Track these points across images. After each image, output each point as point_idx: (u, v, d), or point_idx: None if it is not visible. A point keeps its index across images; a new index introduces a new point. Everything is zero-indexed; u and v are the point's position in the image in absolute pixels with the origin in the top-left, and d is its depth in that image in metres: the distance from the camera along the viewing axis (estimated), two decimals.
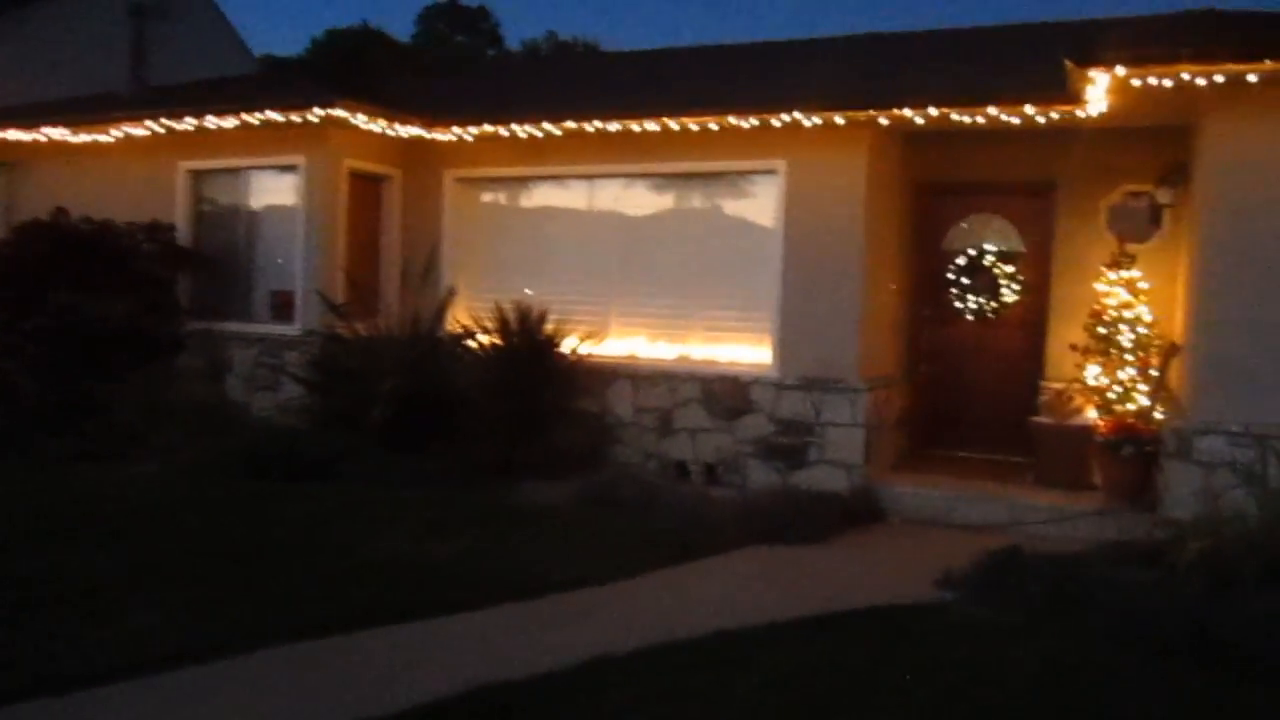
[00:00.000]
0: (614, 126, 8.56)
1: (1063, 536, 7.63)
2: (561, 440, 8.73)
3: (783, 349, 8.52)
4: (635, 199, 9.32)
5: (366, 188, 9.93)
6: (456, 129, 9.28)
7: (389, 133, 9.49)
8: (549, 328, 8.93)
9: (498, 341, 8.96)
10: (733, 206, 8.96)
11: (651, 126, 8.47)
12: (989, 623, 5.47)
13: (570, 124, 8.66)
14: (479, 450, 8.46)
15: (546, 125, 8.75)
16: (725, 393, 8.67)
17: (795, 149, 8.43)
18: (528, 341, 8.81)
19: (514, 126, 8.90)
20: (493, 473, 8.38)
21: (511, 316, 8.87)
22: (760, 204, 8.80)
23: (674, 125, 8.37)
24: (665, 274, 9.15)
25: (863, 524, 7.86)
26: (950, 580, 6.08)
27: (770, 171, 8.58)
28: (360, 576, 5.90)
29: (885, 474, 8.69)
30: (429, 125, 9.43)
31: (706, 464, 8.79)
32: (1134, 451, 7.76)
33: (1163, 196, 8.23)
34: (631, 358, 9.18)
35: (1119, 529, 7.49)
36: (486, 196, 10.05)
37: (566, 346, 9.01)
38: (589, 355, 9.09)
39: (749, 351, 8.78)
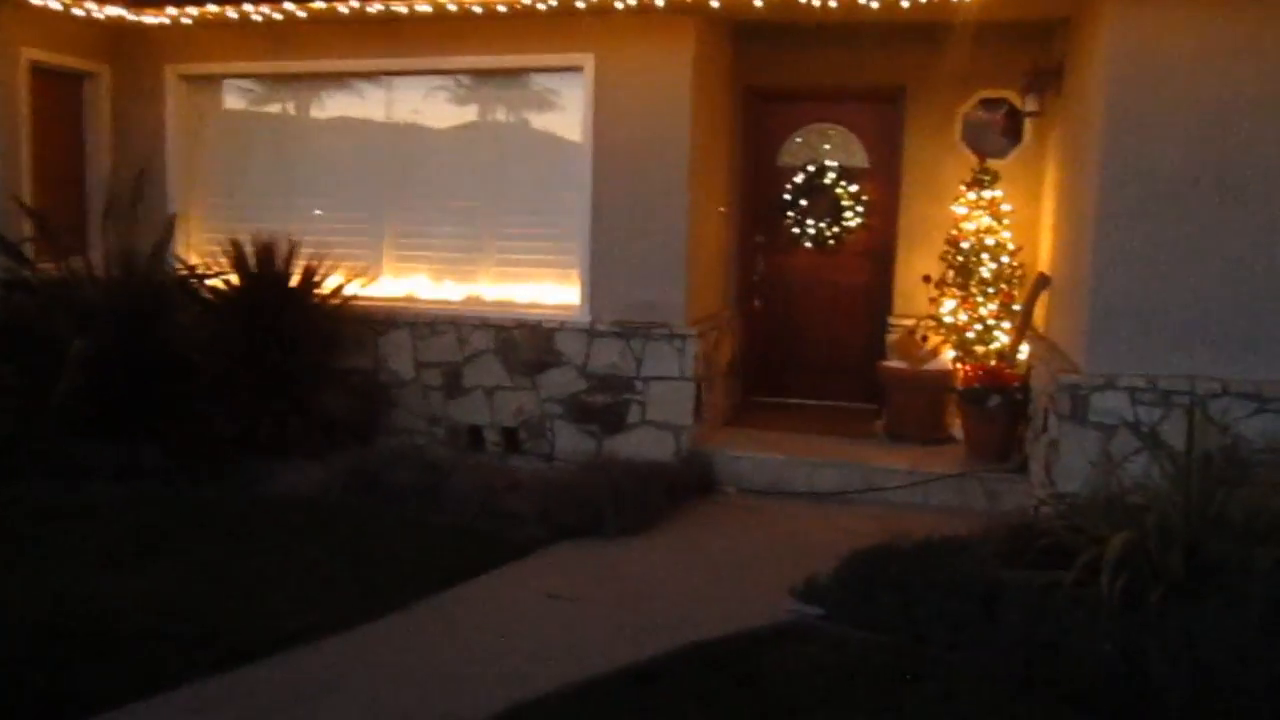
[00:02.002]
0: (375, 7, 6.70)
1: (926, 506, 6.54)
2: (323, 407, 7.00)
3: (594, 287, 7.01)
4: (410, 105, 7.50)
5: (60, 88, 7.71)
6: (171, 8, 7.18)
7: (80, 12, 7.29)
8: (303, 265, 7.11)
9: (237, 284, 7.07)
10: (531, 114, 7.29)
11: (422, 8, 6.66)
12: (870, 658, 4.20)
13: (319, 2, 6.74)
14: (213, 426, 6.62)
15: (288, 4, 6.80)
16: (526, 342, 7.11)
17: (605, 40, 6.82)
18: (274, 283, 6.97)
19: (246, 5, 6.90)
20: (231, 455, 6.57)
21: (250, 252, 6.99)
22: (565, 110, 7.16)
23: (450, 5, 6.59)
24: (451, 198, 7.43)
25: (695, 500, 6.53)
26: (813, 590, 4.80)
27: (575, 69, 6.94)
28: None
29: (718, 434, 7.38)
30: (134, 2, 7.29)
31: (505, 429, 7.25)
32: (1001, 402, 6.69)
33: (1029, 104, 7.07)
34: (410, 300, 7.48)
35: (986, 494, 6.46)
36: (223, 100, 8.00)
37: (327, 288, 7.22)
38: (357, 299, 7.33)
39: (554, 291, 7.22)
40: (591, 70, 6.86)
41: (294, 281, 7.03)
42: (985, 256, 7.17)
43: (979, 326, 7.19)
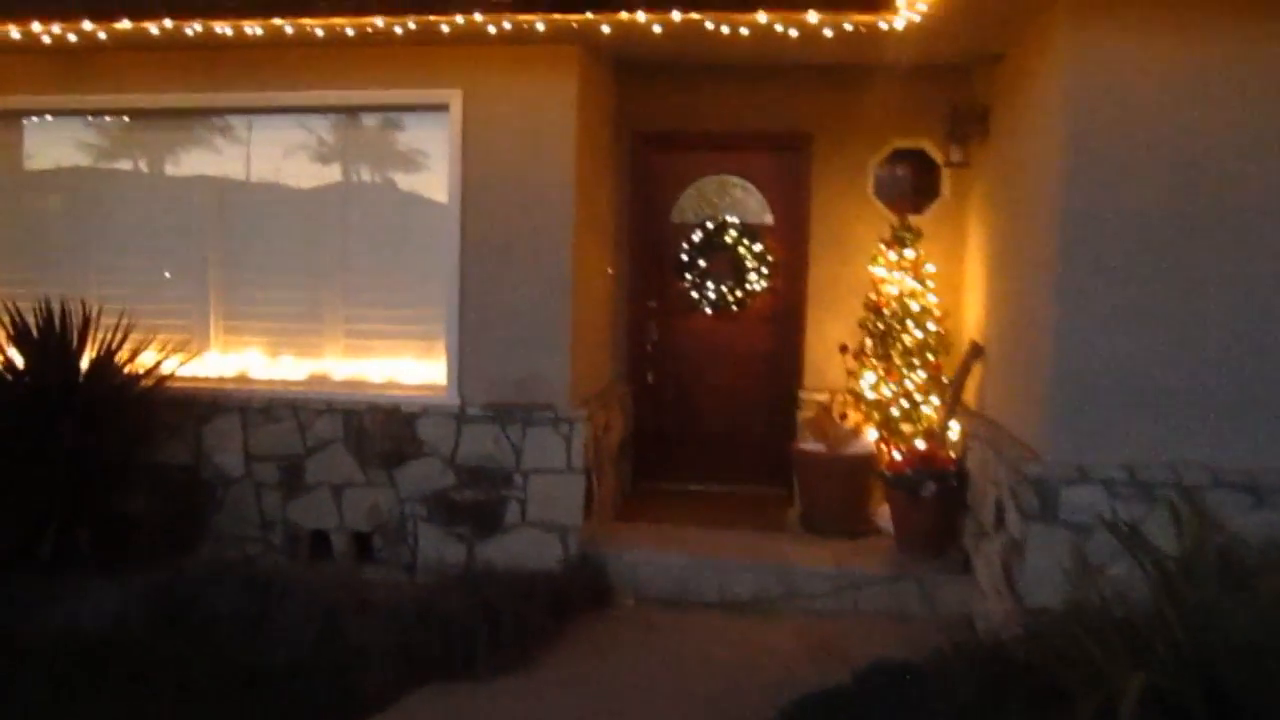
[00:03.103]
0: (193, 27, 5.53)
1: (856, 612, 5.59)
2: (128, 512, 5.67)
3: (464, 363, 5.91)
4: (241, 148, 6.33)
5: None
6: None
7: None
8: (103, 338, 5.82)
9: (17, 362, 5.72)
10: (388, 159, 6.19)
11: (253, 29, 5.53)
12: None
13: (125, 23, 5.55)
14: None
15: (86, 23, 5.59)
16: (381, 429, 5.93)
17: (474, 74, 5.81)
18: (62, 359, 5.65)
19: (34, 25, 5.65)
20: (6, 573, 5.21)
21: (33, 322, 5.67)
22: (427, 155, 6.09)
23: (287, 28, 5.48)
24: (290, 257, 6.25)
25: (587, 617, 5.43)
26: None
27: (440, 107, 5.89)
28: None
29: (611, 530, 6.31)
30: None
31: (357, 534, 6.02)
32: (937, 490, 5.82)
33: (953, 154, 6.34)
34: (242, 380, 6.23)
35: (923, 597, 5.57)
36: (11, 140, 6.65)
37: (137, 366, 5.92)
38: (175, 378, 6.04)
39: (415, 368, 6.09)
40: (459, 108, 5.82)
41: (90, 357, 5.72)
42: (910, 323, 6.35)
43: (905, 402, 6.35)
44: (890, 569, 5.73)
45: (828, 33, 5.15)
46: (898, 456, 6.21)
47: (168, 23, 5.50)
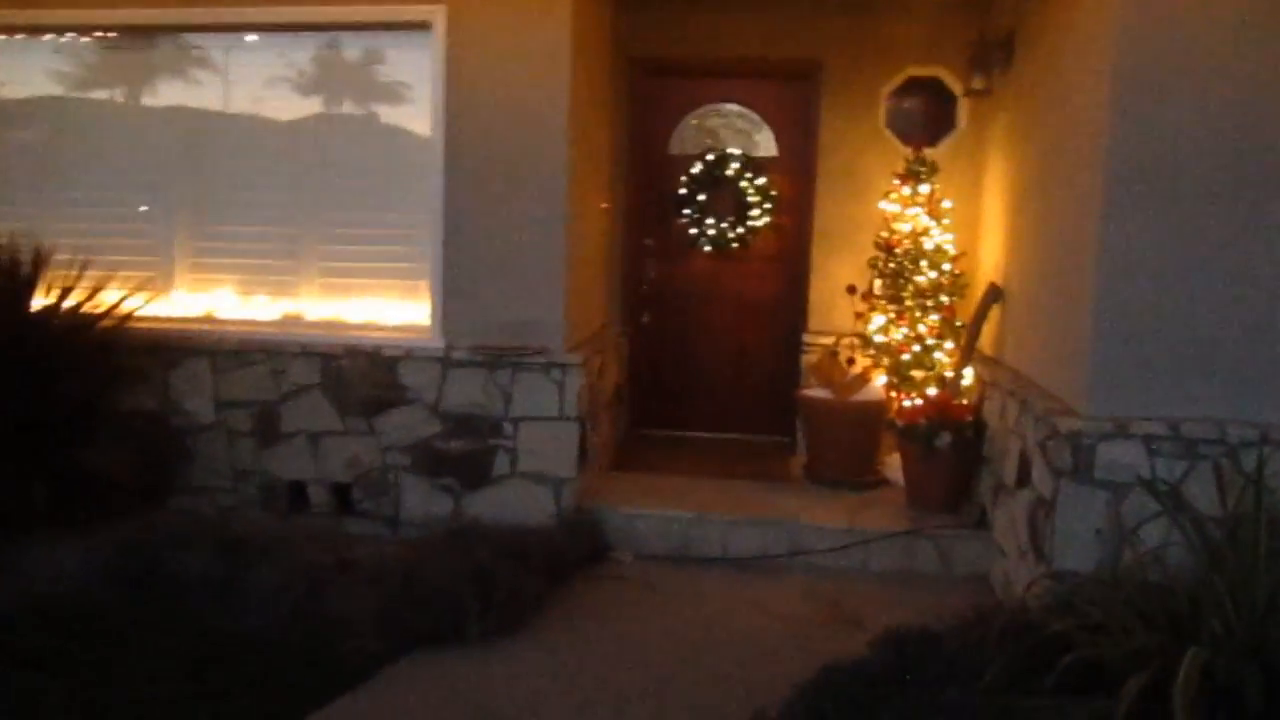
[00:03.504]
0: None
1: (866, 571, 5.30)
2: (91, 464, 5.28)
3: (449, 304, 5.51)
4: (207, 71, 5.84)
5: None
6: None
7: None
8: (61, 277, 5.39)
9: None
10: (366, 84, 5.72)
11: None
12: None
13: None
14: None
15: None
16: (361, 374, 5.55)
17: None
18: (12, 301, 5.22)
19: None
20: None
21: None
22: (409, 80, 5.62)
23: None
24: (263, 192, 5.79)
25: (582, 576, 5.12)
26: None
27: (421, 26, 5.42)
28: None
29: (606, 483, 5.98)
30: None
31: (336, 485, 5.66)
32: (952, 441, 5.50)
33: (975, 82, 5.91)
34: (210, 321, 5.82)
35: (939, 555, 5.27)
36: None
37: (96, 306, 5.50)
38: (139, 319, 5.61)
39: (397, 309, 5.69)
40: (442, 28, 5.35)
41: (42, 297, 5.30)
42: (924, 263, 5.98)
43: (917, 347, 5.99)
44: (902, 525, 5.42)
45: None
46: (909, 405, 5.88)
47: None
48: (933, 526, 5.36)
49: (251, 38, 5.73)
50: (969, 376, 5.89)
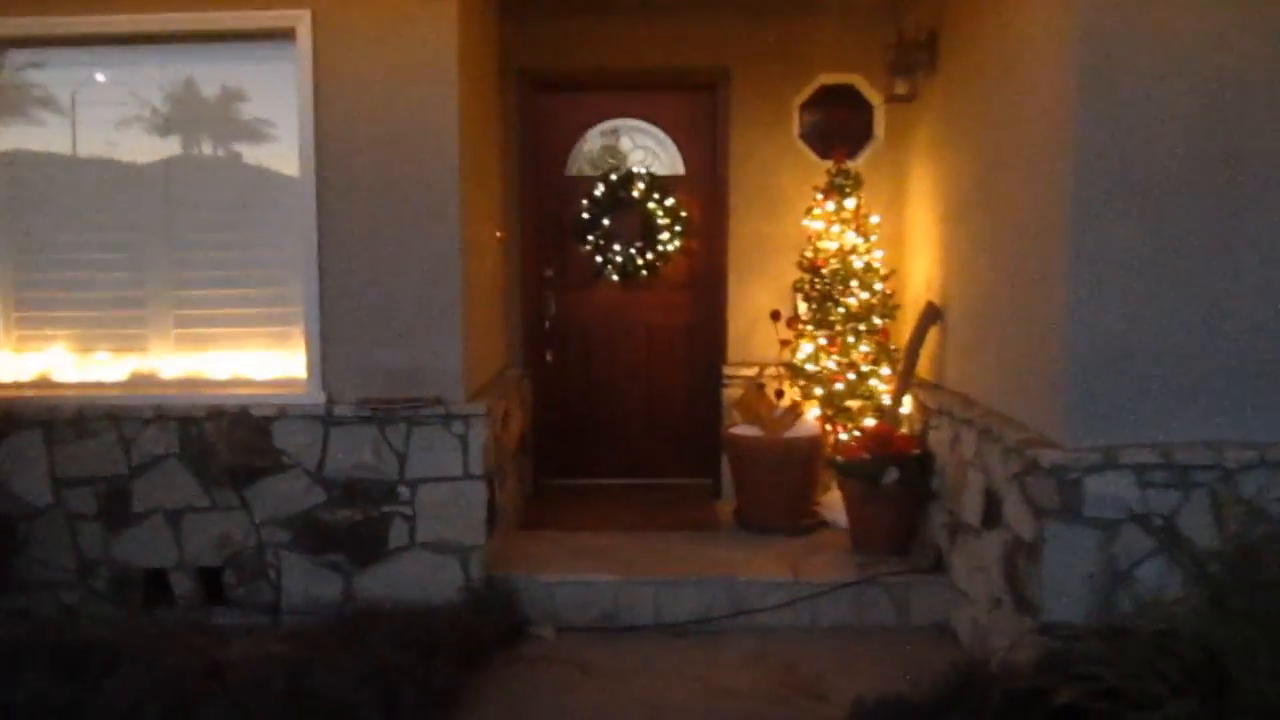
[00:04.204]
0: None
1: (816, 629, 4.75)
2: None
3: (329, 353, 4.77)
4: (37, 90, 4.99)
5: None
6: None
7: None
8: None
9: None
10: (223, 101, 4.96)
11: None
12: None
13: None
14: None
15: None
16: (228, 438, 4.76)
17: None
18: None
19: None
20: None
21: None
22: (273, 95, 4.88)
23: None
24: (101, 230, 4.97)
25: (500, 659, 4.43)
26: None
27: (283, 34, 4.70)
28: None
29: (518, 545, 5.30)
30: None
31: (204, 570, 4.85)
32: (900, 477, 5.01)
33: (898, 87, 5.48)
34: (44, 384, 4.95)
35: (894, 603, 4.77)
36: None
37: None
38: None
39: (267, 360, 4.92)
40: (308, 34, 4.65)
41: None
42: (854, 284, 5.50)
43: (851, 375, 5.50)
44: (850, 573, 4.89)
45: None
46: (847, 438, 5.38)
47: None
48: (885, 573, 4.84)
49: (100, 77, 4.91)
50: (907, 404, 5.43)
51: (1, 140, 4.95)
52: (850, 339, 5.50)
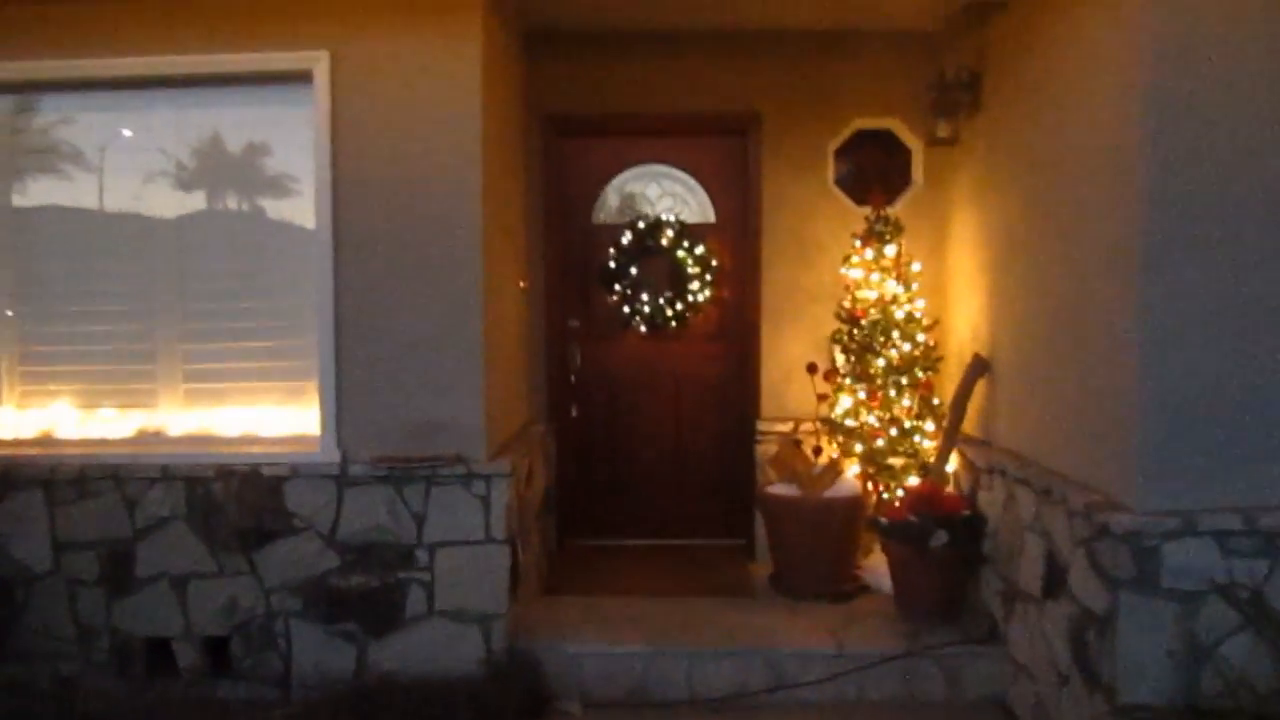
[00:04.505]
0: None
1: (864, 703, 4.43)
2: None
3: (344, 409, 4.53)
4: (37, 134, 4.83)
5: None
6: None
7: None
8: None
9: None
10: (234, 145, 4.78)
11: None
12: None
13: None
14: None
15: None
16: (238, 499, 4.50)
17: (346, 31, 4.47)
18: None
19: None
20: None
21: None
22: (288, 139, 4.70)
23: None
24: (109, 280, 4.76)
25: None
26: None
27: (301, 76, 4.52)
28: None
29: (541, 611, 5.00)
30: None
31: (210, 640, 4.57)
32: (950, 540, 4.69)
33: (941, 129, 5.25)
34: (46, 442, 4.72)
35: (945, 676, 4.44)
36: None
37: None
38: None
39: (279, 417, 4.69)
40: (325, 75, 4.46)
41: None
42: (895, 334, 5.24)
43: (894, 431, 5.22)
44: (898, 643, 4.56)
45: None
46: (891, 498, 5.08)
47: None
48: (937, 645, 4.51)
49: (127, 133, 4.74)
50: (953, 462, 5.13)
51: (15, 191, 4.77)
52: (892, 392, 5.22)
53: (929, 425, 5.22)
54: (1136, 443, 3.43)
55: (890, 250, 5.32)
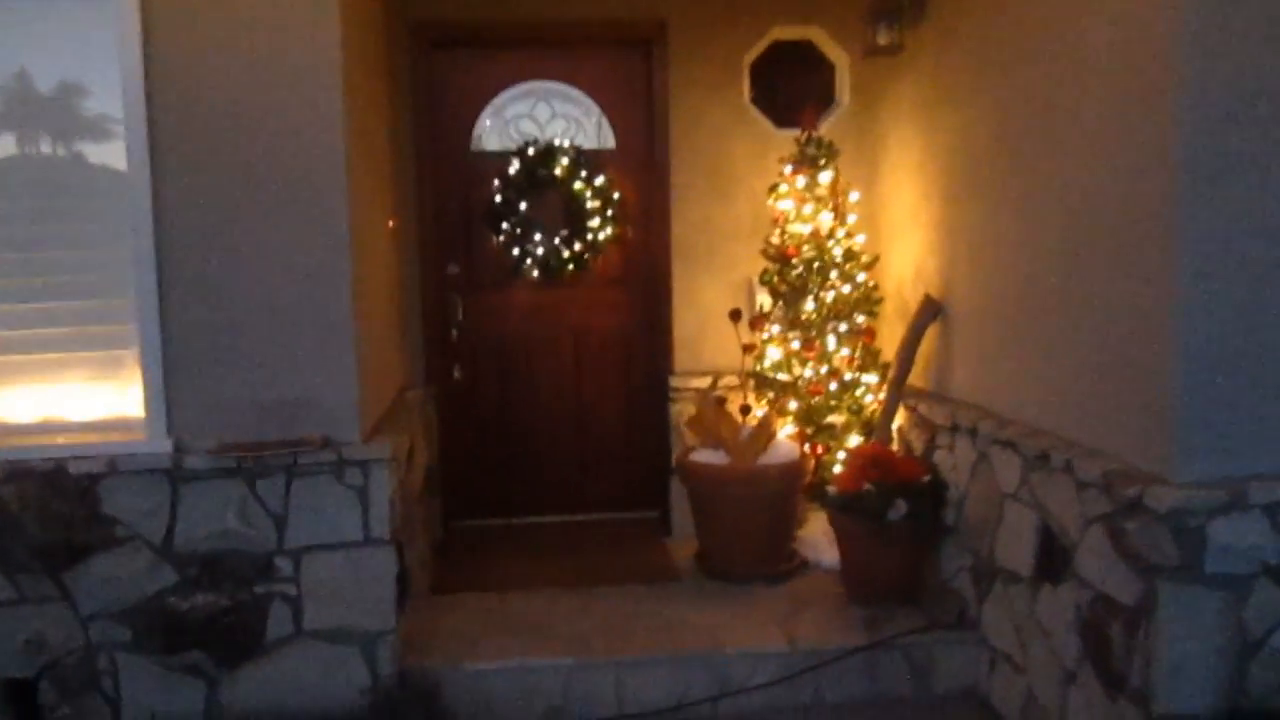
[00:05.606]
0: None
1: (821, 706, 3.80)
2: None
3: (176, 385, 3.57)
4: None
5: None
6: None
7: None
8: None
9: None
10: (21, 56, 3.70)
11: None
12: None
13: None
14: None
15: None
16: (39, 505, 3.51)
17: None
18: None
19: None
20: None
21: None
22: (86, 52, 3.64)
23: None
24: None
25: None
26: None
27: None
28: None
29: (434, 619, 4.18)
30: None
31: (12, 684, 3.58)
32: (911, 512, 4.08)
33: (881, 36, 4.54)
34: None
35: (911, 669, 3.86)
36: None
37: None
38: None
39: (91, 398, 3.69)
40: None
41: None
42: (834, 275, 4.56)
43: (834, 384, 4.56)
44: (858, 633, 3.94)
45: None
46: (829, 461, 4.44)
47: None
48: (902, 632, 3.91)
49: None
50: (898, 418, 4.52)
51: None
52: (830, 341, 4.56)
53: (872, 378, 4.58)
54: (1173, 401, 2.82)
55: (825, 177, 4.61)
